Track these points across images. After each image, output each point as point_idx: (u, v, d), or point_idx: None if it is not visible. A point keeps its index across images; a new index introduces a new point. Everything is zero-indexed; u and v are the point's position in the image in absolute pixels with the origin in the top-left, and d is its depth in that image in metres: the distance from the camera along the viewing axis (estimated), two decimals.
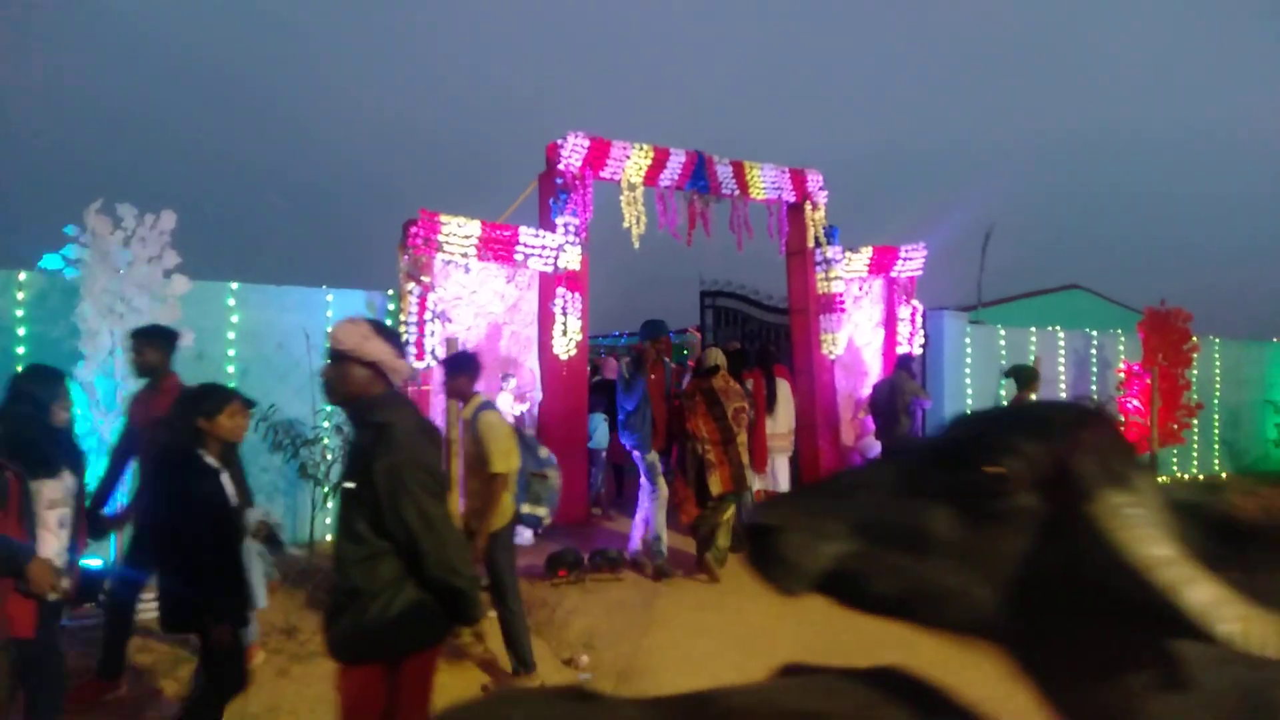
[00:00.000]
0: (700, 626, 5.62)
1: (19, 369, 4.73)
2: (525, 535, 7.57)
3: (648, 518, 7.02)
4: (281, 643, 5.05)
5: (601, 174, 8.61)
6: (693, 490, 6.75)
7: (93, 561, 5.86)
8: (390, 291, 7.82)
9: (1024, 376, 7.68)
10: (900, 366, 9.40)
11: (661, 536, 6.90)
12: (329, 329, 3.03)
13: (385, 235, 7.89)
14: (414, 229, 7.52)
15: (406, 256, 7.52)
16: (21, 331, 6.34)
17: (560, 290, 8.38)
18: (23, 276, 6.38)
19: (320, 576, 6.35)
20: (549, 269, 8.40)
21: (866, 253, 10.34)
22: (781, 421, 7.95)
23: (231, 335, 7.16)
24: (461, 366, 4.85)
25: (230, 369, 7.11)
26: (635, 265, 9.38)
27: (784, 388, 8.08)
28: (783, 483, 7.95)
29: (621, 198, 8.75)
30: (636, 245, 8.81)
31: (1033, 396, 7.43)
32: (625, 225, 8.74)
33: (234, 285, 7.24)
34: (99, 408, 5.39)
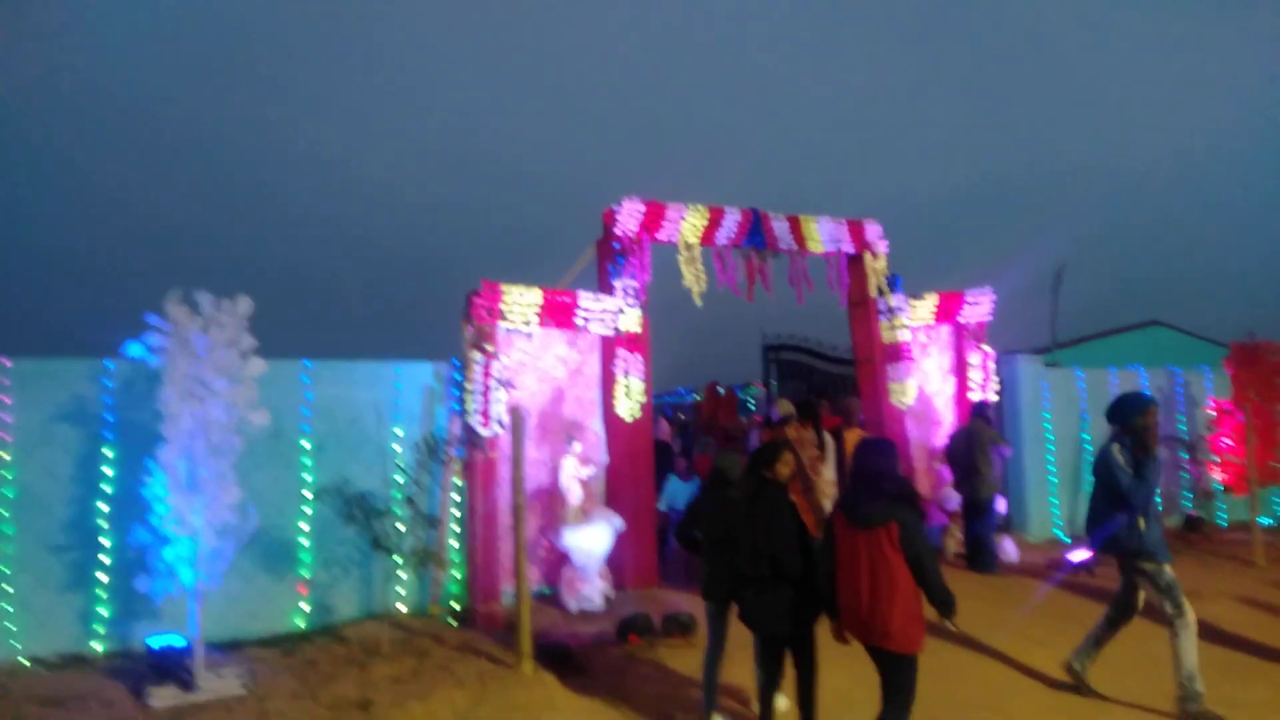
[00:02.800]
0: None
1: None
2: (595, 601, 7.52)
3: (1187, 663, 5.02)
4: None
5: (658, 236, 8.70)
6: None
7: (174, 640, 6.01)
8: (456, 361, 7.97)
9: None
10: (976, 414, 9.16)
11: (1195, 675, 4.92)
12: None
13: (446, 306, 8.06)
14: (477, 299, 7.69)
15: (470, 326, 7.68)
16: (110, 418, 6.65)
17: (621, 352, 8.43)
18: (111, 366, 6.70)
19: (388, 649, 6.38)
20: (609, 332, 8.47)
21: (932, 300, 10.16)
22: (832, 468, 8.30)
23: (306, 412, 7.37)
24: None
25: (305, 444, 7.29)
26: (696, 322, 9.43)
27: (830, 438, 8.49)
28: None
29: (679, 258, 8.82)
30: (699, 304, 8.85)
31: None
32: (685, 284, 8.79)
33: (308, 363, 7.46)
34: (181, 489, 5.55)
